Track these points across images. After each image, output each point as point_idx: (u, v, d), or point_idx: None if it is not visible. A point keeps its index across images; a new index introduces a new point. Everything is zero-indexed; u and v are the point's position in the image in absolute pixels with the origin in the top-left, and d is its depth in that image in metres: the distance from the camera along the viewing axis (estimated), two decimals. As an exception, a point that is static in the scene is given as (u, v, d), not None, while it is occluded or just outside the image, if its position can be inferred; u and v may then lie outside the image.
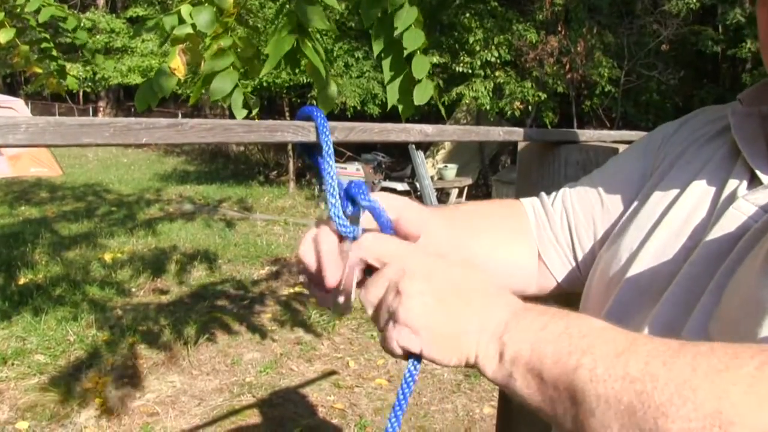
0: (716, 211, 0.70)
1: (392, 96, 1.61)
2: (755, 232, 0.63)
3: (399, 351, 0.54)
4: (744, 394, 0.40)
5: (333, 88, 1.71)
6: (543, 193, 0.94)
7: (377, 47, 1.57)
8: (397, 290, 0.54)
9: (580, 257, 0.87)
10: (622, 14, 11.79)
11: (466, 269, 0.57)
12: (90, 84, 18.72)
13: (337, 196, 0.59)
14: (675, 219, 0.73)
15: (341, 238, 0.59)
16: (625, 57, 11.33)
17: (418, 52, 1.58)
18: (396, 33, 1.52)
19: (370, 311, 0.57)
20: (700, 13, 11.75)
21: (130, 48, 18.19)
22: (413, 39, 1.56)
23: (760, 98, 0.75)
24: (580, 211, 0.87)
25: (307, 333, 4.67)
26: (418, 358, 0.54)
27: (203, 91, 1.76)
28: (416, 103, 1.59)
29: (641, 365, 0.43)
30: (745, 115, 0.75)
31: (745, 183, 0.69)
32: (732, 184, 0.70)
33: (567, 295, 0.88)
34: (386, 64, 1.59)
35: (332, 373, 4.07)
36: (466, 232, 0.82)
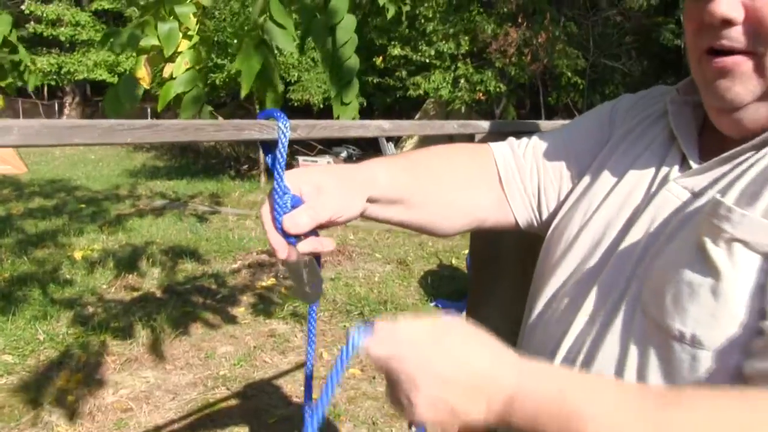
0: (652, 191, 0.81)
1: (336, 110, 1.82)
2: (684, 216, 0.73)
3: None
4: None
5: (279, 90, 1.84)
6: (513, 139, 1.02)
7: (325, 68, 1.75)
8: (409, 399, 0.62)
9: (544, 212, 0.97)
10: (587, 7, 11.94)
11: (466, 359, 0.63)
12: (55, 78, 18.38)
13: (287, 203, 0.73)
14: (619, 195, 0.84)
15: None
16: (590, 48, 11.49)
17: (352, 80, 1.80)
18: (338, 63, 1.71)
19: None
20: (664, 6, 11.96)
21: (95, 41, 17.93)
22: (351, 67, 1.78)
23: (693, 89, 0.84)
24: (549, 169, 0.96)
25: (281, 325, 4.71)
26: None
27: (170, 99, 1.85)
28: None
29: None
30: (681, 103, 0.85)
31: (677, 167, 0.80)
32: (666, 166, 0.81)
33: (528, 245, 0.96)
34: (334, 81, 1.76)
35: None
36: (425, 177, 0.92)
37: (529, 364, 0.63)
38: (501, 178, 0.97)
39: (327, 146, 12.58)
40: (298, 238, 0.74)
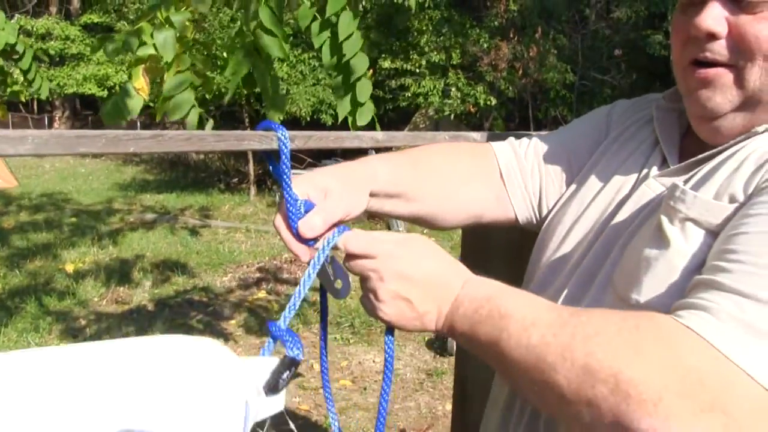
0: (635, 186, 0.88)
1: (342, 111, 1.78)
2: (654, 205, 0.81)
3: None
4: (604, 353, 0.59)
5: (282, 101, 1.85)
6: (513, 139, 1.07)
7: (329, 66, 1.74)
8: (376, 295, 0.75)
9: (544, 210, 1.02)
10: (576, 21, 12.07)
11: (426, 261, 0.76)
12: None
13: (301, 208, 0.78)
14: (609, 193, 0.91)
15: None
16: (579, 62, 11.60)
17: (363, 77, 1.76)
18: (344, 60, 1.69)
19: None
20: (652, 19, 12.09)
21: (85, 56, 17.90)
22: (359, 64, 1.78)
23: (678, 98, 0.90)
24: (551, 169, 1.01)
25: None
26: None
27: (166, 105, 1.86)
28: (359, 123, 1.78)
29: (539, 337, 0.64)
30: (666, 110, 0.92)
31: (656, 166, 0.87)
32: (648, 165, 0.88)
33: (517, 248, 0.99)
34: (338, 82, 1.76)
35: (297, 375, 4.12)
36: (425, 171, 0.97)
37: (473, 276, 0.76)
38: (502, 174, 1.01)
39: (316, 159, 12.59)
40: (316, 239, 0.79)
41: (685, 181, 0.78)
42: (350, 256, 0.76)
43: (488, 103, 11.77)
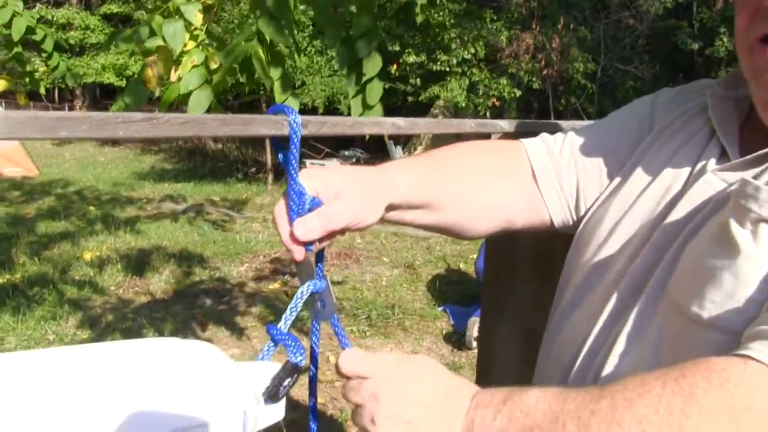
0: (689, 182, 0.78)
1: (356, 110, 1.75)
2: (715, 203, 0.72)
3: None
4: (656, 412, 0.52)
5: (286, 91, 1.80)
6: (546, 135, 0.98)
7: (341, 66, 1.70)
8: (372, 420, 0.62)
9: (581, 210, 0.92)
10: (598, 9, 11.90)
11: (428, 379, 0.65)
12: (64, 81, 18.48)
13: (306, 204, 0.69)
14: (656, 191, 0.81)
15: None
16: (601, 52, 11.45)
17: (375, 78, 1.73)
18: (356, 58, 1.66)
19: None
20: (677, 10, 11.89)
21: (104, 44, 17.99)
22: (372, 66, 1.72)
23: (736, 84, 0.82)
24: (588, 166, 0.92)
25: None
26: None
27: (175, 98, 1.82)
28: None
29: (574, 423, 0.55)
30: (721, 97, 0.83)
31: (714, 159, 0.78)
32: (704, 158, 0.79)
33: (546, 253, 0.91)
34: (351, 80, 1.71)
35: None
36: (449, 177, 0.88)
37: (480, 389, 0.65)
38: (535, 175, 0.92)
39: (334, 149, 12.53)
40: (312, 242, 0.71)
41: (755, 177, 0.68)
42: (344, 378, 0.66)
43: (512, 95, 11.65)
